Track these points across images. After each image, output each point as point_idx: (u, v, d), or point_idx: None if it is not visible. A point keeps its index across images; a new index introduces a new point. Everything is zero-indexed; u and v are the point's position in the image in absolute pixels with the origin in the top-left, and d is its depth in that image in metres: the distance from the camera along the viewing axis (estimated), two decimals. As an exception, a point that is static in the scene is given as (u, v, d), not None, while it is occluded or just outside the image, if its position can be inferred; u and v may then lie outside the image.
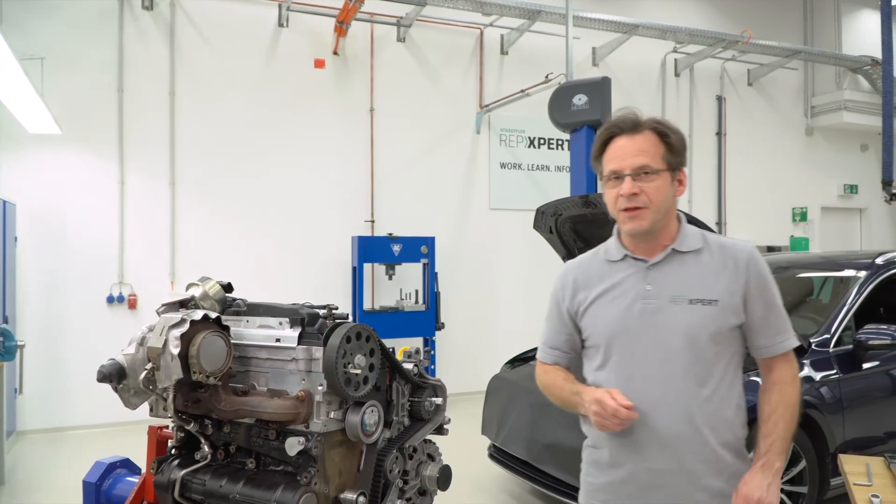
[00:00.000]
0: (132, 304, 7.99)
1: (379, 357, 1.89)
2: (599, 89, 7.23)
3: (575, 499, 4.60)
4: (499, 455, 5.40)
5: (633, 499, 2.07)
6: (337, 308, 1.94)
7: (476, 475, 5.81)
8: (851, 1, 13.15)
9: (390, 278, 8.84)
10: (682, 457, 2.00)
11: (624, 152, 2.04)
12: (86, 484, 2.28)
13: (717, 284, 2.03)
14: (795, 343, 2.10)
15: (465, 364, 8.97)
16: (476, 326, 9.43)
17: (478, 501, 5.40)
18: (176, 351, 1.76)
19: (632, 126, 2.06)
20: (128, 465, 2.35)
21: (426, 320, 8.66)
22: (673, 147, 2.05)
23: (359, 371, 1.82)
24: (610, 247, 2.18)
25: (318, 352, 1.83)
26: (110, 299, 7.92)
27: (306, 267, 8.74)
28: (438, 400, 2.09)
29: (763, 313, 2.05)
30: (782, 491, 4.50)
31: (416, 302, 8.84)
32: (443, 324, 8.87)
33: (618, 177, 2.04)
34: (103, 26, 8.03)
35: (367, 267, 8.83)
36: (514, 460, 5.18)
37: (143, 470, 2.18)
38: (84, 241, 7.85)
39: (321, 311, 1.93)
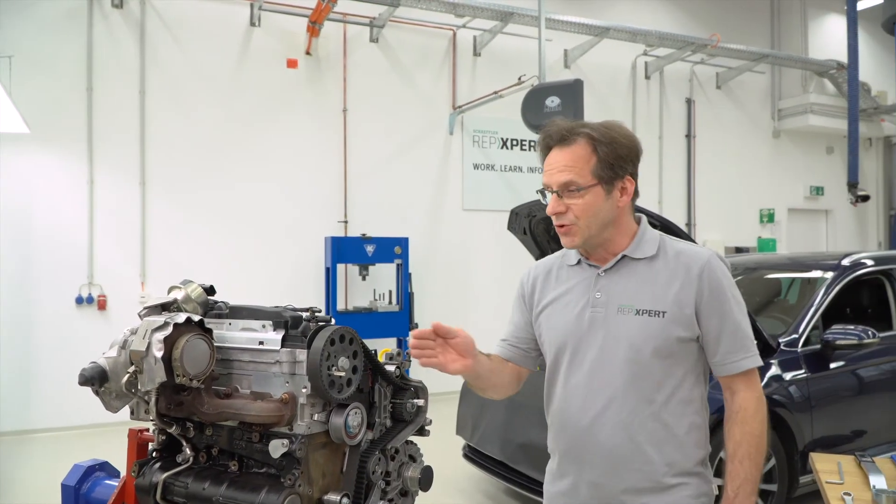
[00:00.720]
0: (102, 305, 7.90)
1: (362, 359, 1.90)
2: (572, 91, 7.30)
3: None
4: (473, 455, 5.43)
5: None
6: (320, 311, 1.94)
7: (451, 475, 5.83)
8: (818, 6, 13.40)
9: (364, 279, 8.83)
10: (623, 473, 1.93)
11: (552, 167, 1.96)
12: (64, 487, 2.25)
13: (667, 294, 1.92)
14: (755, 363, 1.94)
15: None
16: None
17: (453, 501, 5.42)
18: (159, 354, 1.75)
19: (560, 137, 1.96)
20: (106, 469, 2.32)
21: (400, 321, 8.67)
22: (605, 159, 1.91)
23: (343, 373, 1.82)
24: (569, 251, 2.12)
25: (301, 354, 1.83)
26: (79, 300, 7.83)
27: (279, 267, 8.71)
28: (420, 401, 2.09)
29: (717, 327, 1.92)
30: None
31: (390, 303, 8.85)
32: (416, 324, 8.88)
33: (550, 191, 1.97)
34: (72, 24, 7.94)
35: (340, 267, 8.82)
36: (488, 460, 5.21)
37: (122, 473, 2.17)
38: (52, 242, 7.75)
39: (304, 314, 1.93)
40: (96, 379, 1.84)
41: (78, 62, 7.96)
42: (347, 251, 8.58)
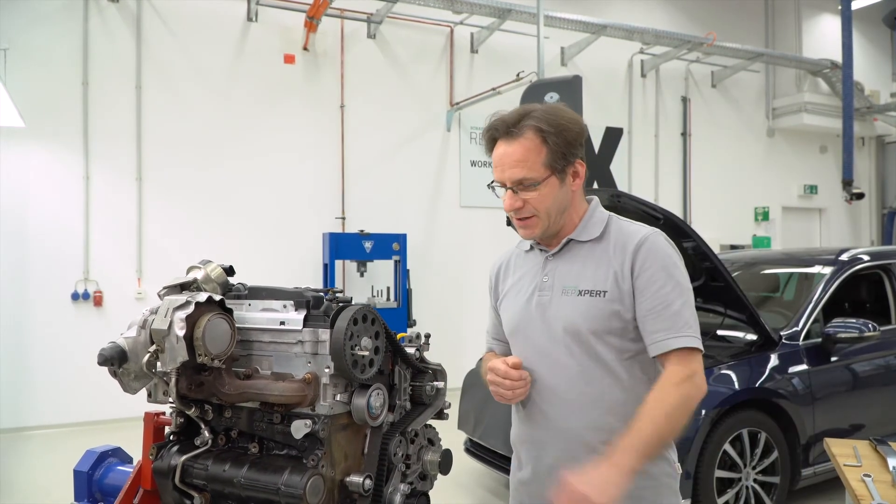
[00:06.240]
0: (98, 302, 7.85)
1: (384, 340, 1.89)
2: (571, 87, 7.30)
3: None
4: (475, 449, 5.42)
5: (537, 497, 2.03)
6: (341, 291, 1.93)
7: (452, 470, 5.80)
8: (812, 5, 13.48)
9: (362, 275, 8.82)
10: (581, 456, 1.89)
11: (503, 162, 1.91)
12: (77, 473, 2.22)
13: (607, 274, 1.90)
14: (687, 343, 1.82)
15: (437, 360, 8.95)
16: (447, 323, 9.43)
17: (454, 496, 5.41)
18: (181, 333, 1.73)
19: (507, 130, 1.90)
20: (119, 454, 2.30)
21: (398, 317, 8.65)
22: (556, 149, 1.87)
23: (366, 353, 1.81)
24: None
25: (324, 334, 1.81)
26: (75, 296, 7.77)
27: (277, 264, 8.66)
28: (440, 384, 2.09)
29: (646, 304, 1.85)
30: (755, 481, 4.59)
31: (388, 299, 8.83)
32: (414, 321, 8.86)
33: (502, 185, 1.94)
34: (68, 18, 7.89)
35: (338, 264, 8.81)
36: (490, 454, 5.20)
37: (136, 459, 2.14)
38: (48, 238, 7.69)
39: (325, 295, 1.92)
40: (115, 359, 1.82)
41: (73, 56, 7.90)
42: (345, 247, 8.55)
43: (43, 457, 6.60)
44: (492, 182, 1.97)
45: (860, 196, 12.18)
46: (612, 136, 11.20)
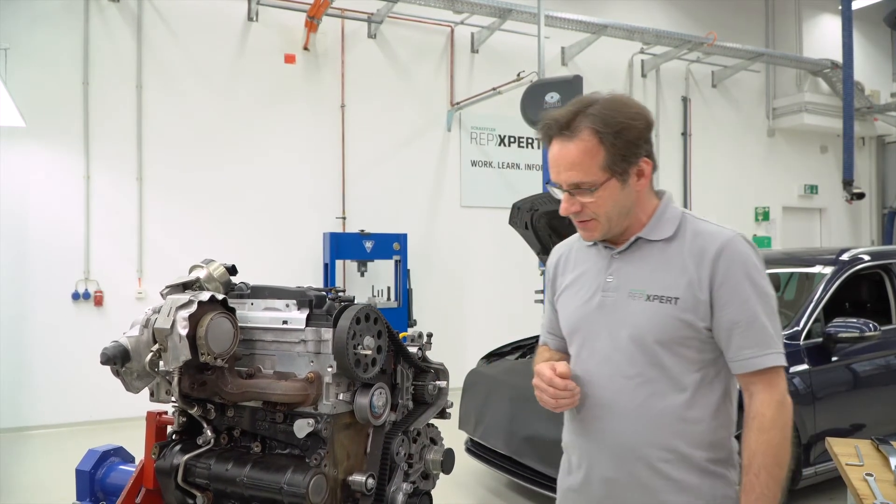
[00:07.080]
0: (98, 301, 7.84)
1: (386, 339, 1.89)
2: (571, 87, 7.30)
3: (554, 490, 4.64)
4: (476, 449, 5.42)
5: None
6: (343, 290, 1.94)
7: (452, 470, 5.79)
8: (812, 5, 13.47)
9: (362, 275, 8.81)
10: (636, 470, 1.80)
11: (558, 163, 1.78)
12: (79, 472, 2.23)
13: (680, 279, 1.75)
14: (775, 362, 1.74)
15: (437, 360, 8.95)
16: (448, 323, 9.41)
17: (454, 496, 5.40)
18: (184, 332, 1.73)
19: (560, 128, 1.76)
20: (121, 454, 2.31)
21: (398, 317, 8.65)
22: (615, 150, 1.75)
23: (368, 352, 1.81)
24: None
25: (327, 333, 1.82)
26: (76, 296, 7.76)
27: (277, 263, 8.65)
28: (442, 383, 2.09)
29: (730, 317, 1.72)
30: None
31: (389, 299, 8.83)
32: (415, 320, 8.86)
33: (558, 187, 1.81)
34: (69, 17, 7.87)
35: (338, 263, 8.80)
36: (491, 454, 5.20)
37: (137, 458, 2.15)
38: (48, 237, 7.68)
39: (327, 294, 1.93)
40: (118, 358, 1.82)
41: (74, 56, 7.89)
42: (346, 247, 8.55)
43: (43, 457, 6.59)
44: (549, 181, 1.84)
45: (860, 196, 12.18)
46: (613, 136, 11.19)
